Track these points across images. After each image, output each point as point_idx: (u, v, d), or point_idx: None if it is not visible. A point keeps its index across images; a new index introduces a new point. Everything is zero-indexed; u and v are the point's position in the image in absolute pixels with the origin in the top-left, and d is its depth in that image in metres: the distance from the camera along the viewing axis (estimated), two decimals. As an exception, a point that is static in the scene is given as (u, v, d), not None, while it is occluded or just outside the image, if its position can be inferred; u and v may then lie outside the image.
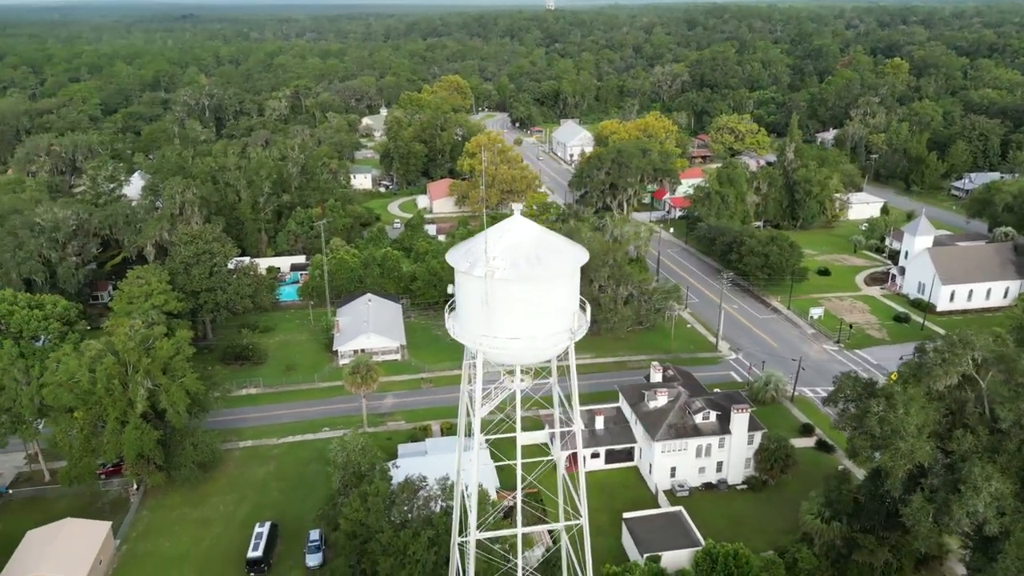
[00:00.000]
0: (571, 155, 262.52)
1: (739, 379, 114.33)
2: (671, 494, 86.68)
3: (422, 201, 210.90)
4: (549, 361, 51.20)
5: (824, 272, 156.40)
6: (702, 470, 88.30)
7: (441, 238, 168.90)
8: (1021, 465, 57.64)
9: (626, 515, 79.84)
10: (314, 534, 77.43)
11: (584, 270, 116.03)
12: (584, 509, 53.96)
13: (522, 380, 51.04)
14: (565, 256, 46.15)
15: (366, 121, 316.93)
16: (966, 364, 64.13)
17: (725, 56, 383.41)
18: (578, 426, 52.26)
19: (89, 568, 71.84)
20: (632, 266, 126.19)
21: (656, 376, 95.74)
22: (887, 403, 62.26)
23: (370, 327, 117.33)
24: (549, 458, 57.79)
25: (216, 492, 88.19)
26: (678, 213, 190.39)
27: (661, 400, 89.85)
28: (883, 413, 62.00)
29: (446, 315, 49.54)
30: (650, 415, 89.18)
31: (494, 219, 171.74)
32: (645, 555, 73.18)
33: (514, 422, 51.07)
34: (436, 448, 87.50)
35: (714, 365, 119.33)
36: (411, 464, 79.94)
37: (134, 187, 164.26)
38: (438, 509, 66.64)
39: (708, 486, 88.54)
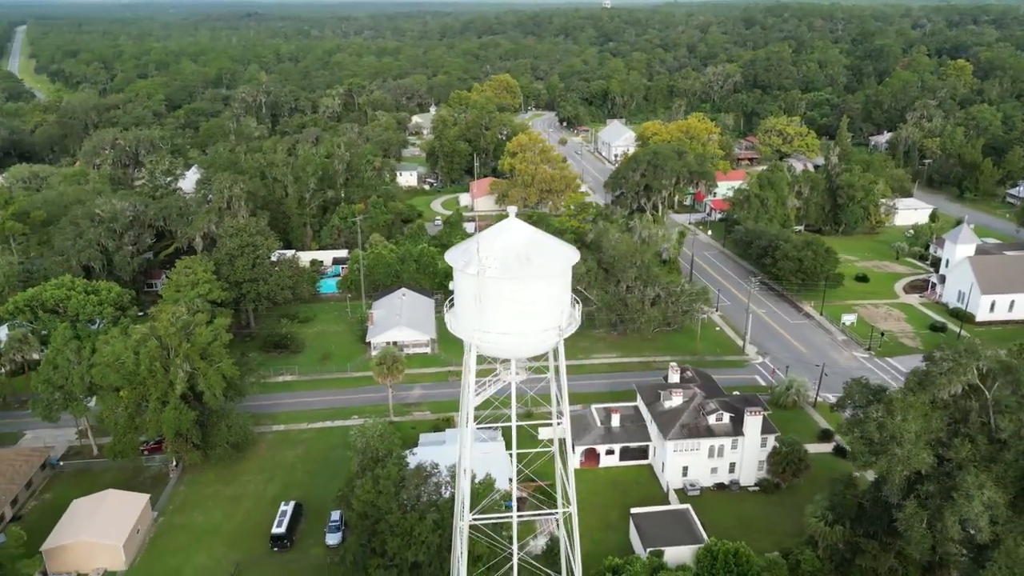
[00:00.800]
0: (615, 155, 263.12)
1: (763, 383, 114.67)
2: (682, 492, 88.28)
3: (464, 199, 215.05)
4: (548, 356, 53.69)
5: (862, 278, 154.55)
6: (714, 470, 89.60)
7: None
8: (1017, 475, 57.83)
9: (633, 510, 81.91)
10: (335, 515, 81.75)
11: (610, 270, 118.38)
12: (573, 498, 56.38)
13: (517, 373, 53.73)
14: (554, 257, 48.73)
15: (416, 119, 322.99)
16: (971, 374, 64.34)
17: (780, 56, 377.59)
18: (567, 419, 54.81)
19: (127, 536, 77.58)
20: (662, 268, 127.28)
21: (674, 377, 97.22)
22: (886, 409, 62.97)
23: (402, 320, 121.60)
24: (548, 449, 60.47)
25: (248, 471, 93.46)
26: (718, 215, 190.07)
27: (676, 400, 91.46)
28: (882, 419, 62.76)
29: (446, 310, 52.68)
30: (664, 415, 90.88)
31: (529, 218, 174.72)
32: (648, 549, 75.23)
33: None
34: (454, 438, 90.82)
35: (739, 368, 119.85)
36: (428, 452, 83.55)
37: (189, 181, 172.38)
38: (447, 495, 69.92)
39: (720, 486, 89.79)
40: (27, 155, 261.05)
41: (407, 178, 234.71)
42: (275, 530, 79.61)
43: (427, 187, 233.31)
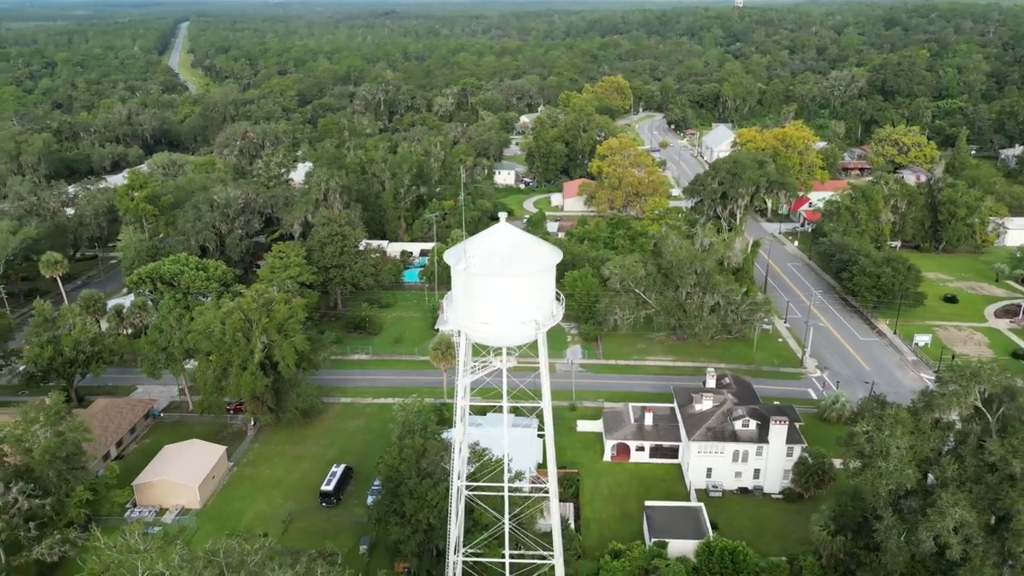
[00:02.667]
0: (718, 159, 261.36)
1: (815, 397, 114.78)
2: (704, 493, 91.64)
3: (555, 199, 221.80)
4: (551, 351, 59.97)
5: (951, 299, 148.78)
6: (738, 475, 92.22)
7: (561, 235, 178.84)
8: (995, 498, 58.51)
9: (647, 503, 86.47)
10: (378, 480, 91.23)
11: (668, 275, 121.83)
12: (553, 477, 62.37)
13: (508, 360, 60.44)
14: (534, 258, 54.97)
15: (523, 119, 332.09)
16: (973, 397, 64.89)
17: (912, 61, 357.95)
18: (547, 406, 60.72)
19: (203, 479, 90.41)
20: (725, 276, 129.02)
21: (711, 382, 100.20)
22: (876, 424, 64.83)
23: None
24: (540, 433, 66.52)
25: (313, 436, 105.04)
26: (810, 227, 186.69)
27: (706, 404, 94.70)
28: (871, 433, 64.69)
29: (444, 303, 60.04)
30: (693, 417, 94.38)
31: (610, 221, 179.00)
32: (653, 540, 79.76)
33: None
34: (490, 422, 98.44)
35: (794, 381, 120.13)
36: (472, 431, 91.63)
37: (300, 173, 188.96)
38: (471, 469, 77.40)
39: (743, 491, 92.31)
40: (175, 143, 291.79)
41: (504, 177, 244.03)
42: (324, 487, 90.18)
43: (522, 186, 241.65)
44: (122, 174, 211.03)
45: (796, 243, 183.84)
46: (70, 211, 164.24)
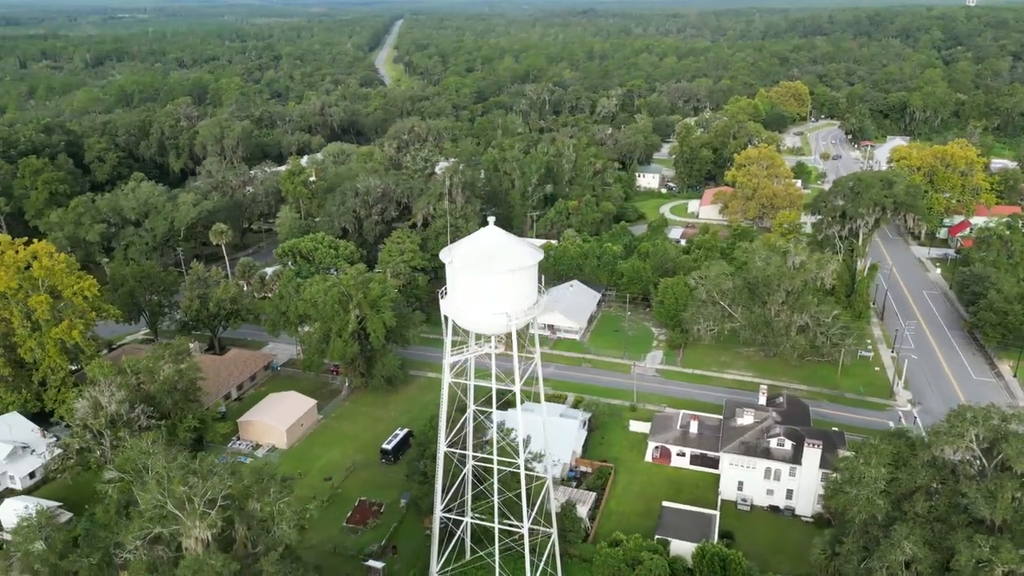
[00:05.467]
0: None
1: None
2: (732, 505, 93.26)
3: (692, 205, 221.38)
4: (537, 345, 67.43)
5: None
6: (770, 492, 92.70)
7: (683, 242, 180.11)
8: (943, 537, 57.68)
9: (665, 503, 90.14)
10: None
11: (754, 290, 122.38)
12: (549, 472, 69.50)
13: (497, 346, 68.50)
14: (511, 258, 62.51)
15: (687, 122, 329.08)
16: (969, 439, 63.32)
17: None
18: (517, 387, 67.72)
19: (291, 425, 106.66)
20: (820, 296, 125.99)
21: (762, 398, 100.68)
22: (856, 453, 65.34)
23: (558, 307, 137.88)
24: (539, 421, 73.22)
25: (394, 402, 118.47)
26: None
27: (747, 419, 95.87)
28: (849, 462, 65.39)
29: (441, 294, 69.13)
30: (732, 429, 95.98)
31: (735, 231, 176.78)
32: (657, 537, 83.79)
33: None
34: (534, 408, 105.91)
35: (877, 411, 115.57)
36: (512, 412, 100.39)
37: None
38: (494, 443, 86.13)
39: (774, 509, 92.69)
40: (361, 134, 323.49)
41: (648, 180, 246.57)
42: (384, 446, 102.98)
43: (664, 191, 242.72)
44: (302, 159, 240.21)
45: (939, 270, 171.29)
46: (250, 189, 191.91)
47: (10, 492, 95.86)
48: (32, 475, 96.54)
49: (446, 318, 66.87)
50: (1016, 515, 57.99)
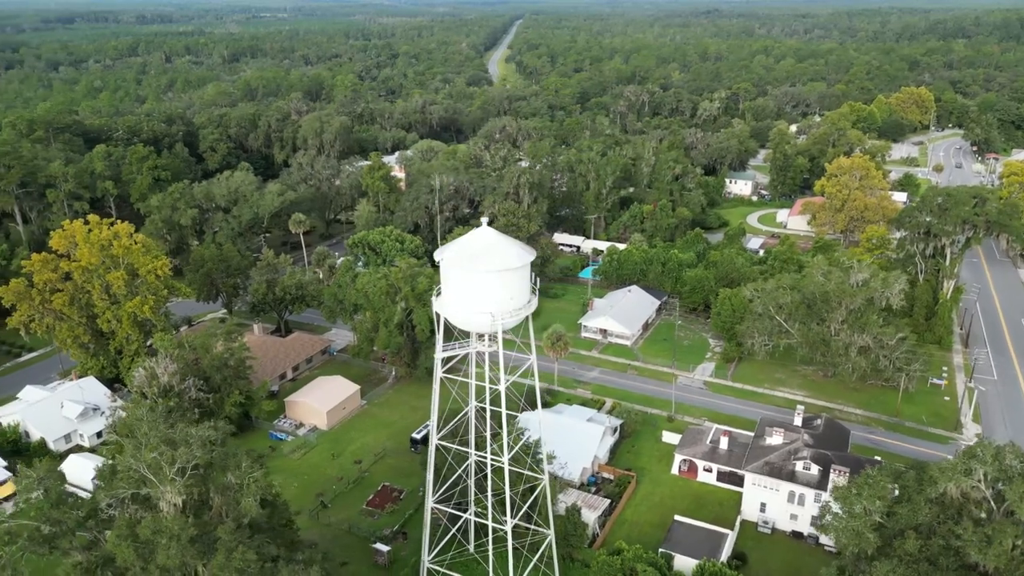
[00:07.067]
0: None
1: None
2: (752, 526, 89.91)
3: (781, 215, 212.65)
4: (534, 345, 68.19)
5: None
6: (794, 517, 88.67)
7: (761, 253, 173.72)
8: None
9: (677, 518, 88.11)
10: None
11: (812, 306, 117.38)
12: (546, 474, 70.40)
13: (490, 344, 69.54)
14: (499, 259, 63.28)
15: (792, 128, 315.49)
16: (977, 478, 58.84)
17: None
18: (502, 385, 68.25)
19: (332, 407, 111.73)
20: (883, 314, 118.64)
21: (797, 419, 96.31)
22: (853, 484, 62.10)
23: (612, 312, 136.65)
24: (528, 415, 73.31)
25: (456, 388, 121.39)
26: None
27: (776, 439, 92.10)
28: (841, 491, 62.25)
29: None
30: (759, 448, 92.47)
31: (816, 243, 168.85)
32: (662, 550, 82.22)
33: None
34: (565, 410, 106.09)
35: (937, 443, 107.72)
36: (540, 412, 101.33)
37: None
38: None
39: (796, 535, 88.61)
40: (460, 131, 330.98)
41: (740, 187, 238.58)
42: (413, 435, 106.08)
43: (755, 199, 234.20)
44: (394, 155, 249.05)
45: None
46: (337, 182, 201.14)
47: (79, 449, 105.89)
48: (99, 435, 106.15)
49: (438, 315, 68.55)
50: (1011, 564, 53.32)
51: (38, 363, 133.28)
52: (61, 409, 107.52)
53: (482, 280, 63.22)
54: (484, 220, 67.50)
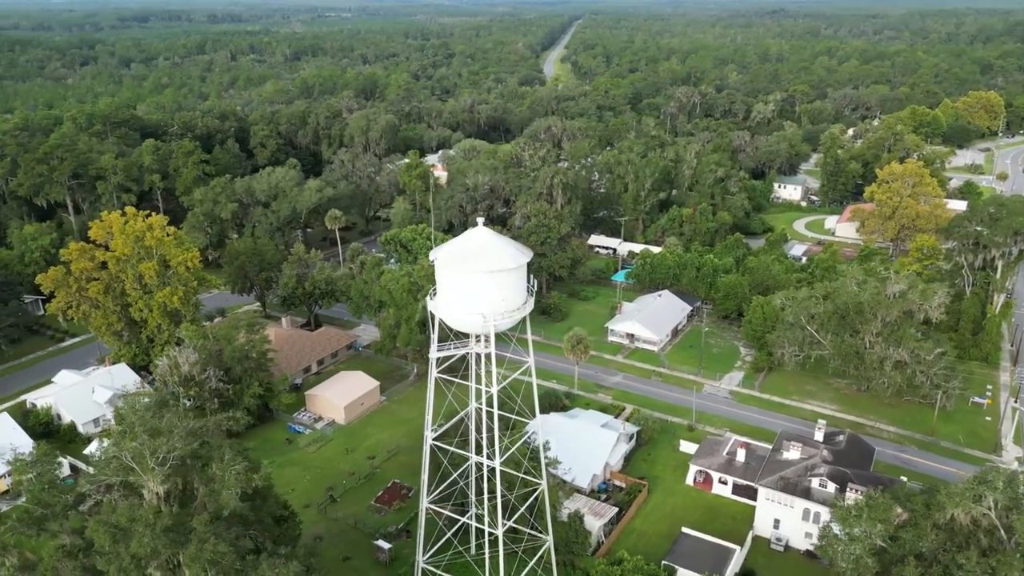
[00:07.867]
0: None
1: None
2: (765, 542, 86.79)
3: (829, 222, 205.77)
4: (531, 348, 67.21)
5: None
6: (808, 535, 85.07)
7: (804, 260, 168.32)
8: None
9: (684, 530, 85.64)
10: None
11: (844, 317, 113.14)
12: (545, 479, 69.62)
13: (485, 345, 68.66)
14: (493, 259, 62.33)
15: (850, 132, 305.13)
16: (988, 505, 55.32)
17: None
18: (495, 388, 67.24)
19: (350, 402, 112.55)
20: (924, 328, 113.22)
21: (818, 434, 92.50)
22: (855, 506, 59.20)
23: (639, 316, 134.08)
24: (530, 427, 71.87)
25: (455, 391, 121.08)
26: None
27: (793, 454, 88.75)
28: (841, 512, 59.42)
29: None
30: (775, 463, 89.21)
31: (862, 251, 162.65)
32: (664, 562, 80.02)
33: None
34: (580, 415, 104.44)
35: (973, 465, 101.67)
36: (556, 417, 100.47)
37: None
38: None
39: (810, 554, 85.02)
40: (508, 131, 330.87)
41: (789, 192, 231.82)
42: (427, 432, 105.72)
43: (804, 204, 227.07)
44: (437, 154, 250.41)
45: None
46: (377, 179, 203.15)
47: (108, 433, 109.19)
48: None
49: (432, 315, 68.01)
50: (1015, 601, 49.84)
51: (78, 349, 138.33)
52: (92, 394, 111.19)
53: (475, 280, 62.41)
54: (479, 220, 66.60)
